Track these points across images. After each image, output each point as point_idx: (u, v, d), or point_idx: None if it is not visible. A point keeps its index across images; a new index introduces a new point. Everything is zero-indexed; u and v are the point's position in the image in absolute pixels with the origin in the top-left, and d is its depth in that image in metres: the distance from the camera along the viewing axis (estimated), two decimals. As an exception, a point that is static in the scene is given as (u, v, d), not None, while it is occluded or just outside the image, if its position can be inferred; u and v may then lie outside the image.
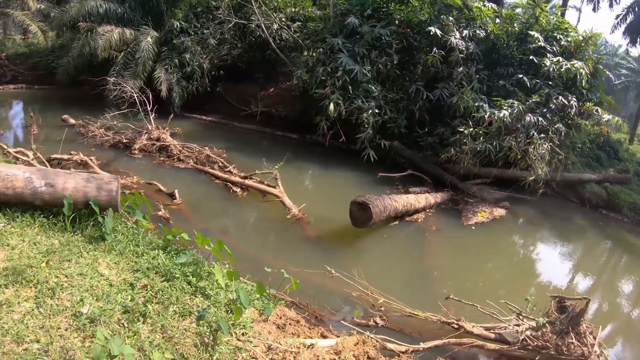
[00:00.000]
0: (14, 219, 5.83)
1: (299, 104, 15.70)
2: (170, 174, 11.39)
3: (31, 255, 5.17)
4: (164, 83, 14.61)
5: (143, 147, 12.13)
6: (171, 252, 6.26)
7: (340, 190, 12.27)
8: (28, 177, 5.81)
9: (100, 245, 5.88)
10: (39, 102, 17.03)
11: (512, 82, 13.42)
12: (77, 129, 13.19)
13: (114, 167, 11.18)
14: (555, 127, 12.63)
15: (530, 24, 13.82)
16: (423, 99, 13.40)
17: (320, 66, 13.31)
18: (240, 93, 17.03)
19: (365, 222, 9.51)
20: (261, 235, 9.60)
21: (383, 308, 6.79)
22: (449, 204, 12.31)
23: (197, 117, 15.93)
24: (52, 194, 5.91)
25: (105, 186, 6.16)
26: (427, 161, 13.51)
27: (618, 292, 10.34)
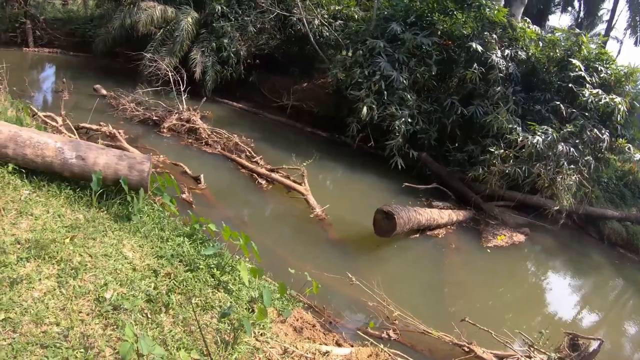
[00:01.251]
0: (39, 187, 5.53)
1: (331, 102, 15.27)
2: (197, 157, 11.05)
3: (55, 228, 4.87)
4: (199, 65, 14.24)
5: (172, 127, 11.81)
6: (196, 240, 5.94)
7: (364, 195, 11.90)
8: (59, 148, 5.47)
9: (125, 225, 5.58)
10: (72, 69, 16.75)
11: (548, 109, 12.93)
12: (108, 100, 12.90)
13: (141, 143, 10.86)
14: (585, 159, 12.15)
15: (572, 51, 13.30)
16: (457, 113, 12.94)
17: (357, 68, 12.88)
18: (273, 84, 16.62)
19: (388, 232, 9.25)
20: (282, 231, 9.28)
21: (397, 322, 6.58)
22: (470, 222, 11.90)
23: (227, 102, 15.55)
24: (82, 167, 5.58)
25: (137, 166, 5.82)
26: (453, 177, 13.08)
27: (624, 333, 9.86)
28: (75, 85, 13.32)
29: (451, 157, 13.14)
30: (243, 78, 15.61)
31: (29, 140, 5.39)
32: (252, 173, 10.65)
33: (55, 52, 19.10)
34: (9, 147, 5.32)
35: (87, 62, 17.55)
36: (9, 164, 5.43)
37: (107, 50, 16.19)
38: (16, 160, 5.41)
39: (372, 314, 6.74)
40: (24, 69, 16.17)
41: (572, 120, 12.48)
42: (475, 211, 12.33)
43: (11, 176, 5.40)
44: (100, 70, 16.06)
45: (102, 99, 12.91)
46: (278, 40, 16.16)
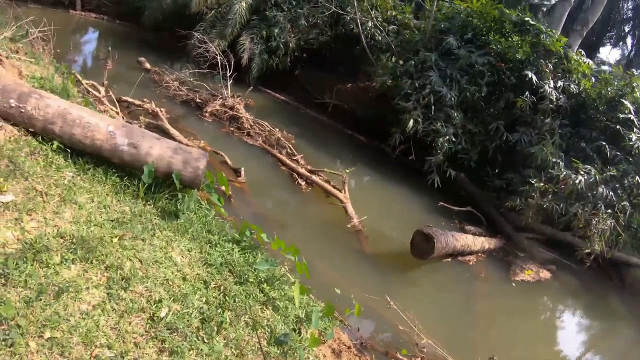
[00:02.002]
0: (84, 170, 4.94)
1: (373, 106, 14.52)
2: (237, 147, 10.43)
3: (100, 221, 4.31)
4: (247, 51, 13.53)
5: (215, 112, 11.18)
6: (245, 248, 5.39)
7: (400, 208, 11.30)
8: (111, 132, 4.84)
9: (173, 223, 5.04)
10: (116, 37, 15.97)
11: (593, 147, 12.16)
12: (152, 75, 12.24)
13: (182, 125, 10.26)
14: (622, 205, 11.42)
15: (624, 92, 12.47)
16: (501, 138, 12.20)
17: (407, 78, 12.15)
18: (317, 80, 15.81)
19: (424, 255, 8.75)
20: (319, 238, 8.68)
21: (426, 350, 6.31)
22: (500, 252, 11.25)
23: (269, 92, 14.82)
24: (133, 156, 4.97)
25: (192, 162, 5.19)
26: (487, 202, 12.39)
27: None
28: (119, 55, 12.67)
29: (489, 182, 12.41)
30: (288, 70, 14.89)
31: (78, 119, 4.77)
32: (292, 172, 10.01)
33: (102, 18, 18.40)
34: (56, 123, 4.71)
35: (132, 32, 16.83)
36: (54, 141, 4.84)
37: (156, 25, 15.45)
38: (62, 138, 4.83)
39: (402, 339, 6.43)
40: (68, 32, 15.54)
41: (616, 164, 11.77)
42: (505, 241, 11.68)
43: (55, 155, 4.83)
44: (144, 43, 15.39)
45: (145, 72, 12.26)
46: (327, 37, 15.39)
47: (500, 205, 12.16)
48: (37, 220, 3.90)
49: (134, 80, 10.13)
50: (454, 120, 11.90)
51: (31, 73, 6.70)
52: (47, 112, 4.65)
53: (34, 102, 4.64)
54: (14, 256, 3.36)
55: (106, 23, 18.07)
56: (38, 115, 4.62)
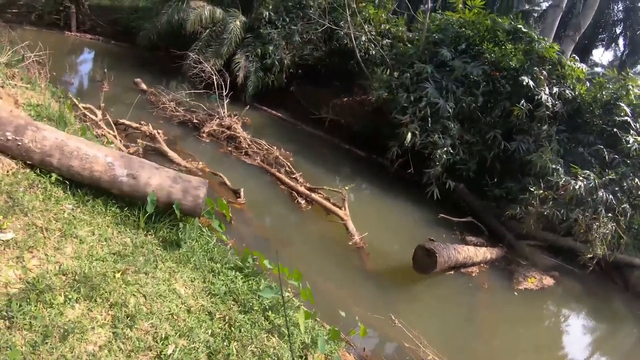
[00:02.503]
0: (83, 202, 4.80)
1: (370, 120, 14.48)
2: (235, 167, 10.35)
3: (102, 255, 4.20)
4: (242, 70, 13.48)
5: (212, 132, 11.12)
6: (248, 275, 5.24)
7: (400, 223, 11.18)
8: (110, 163, 4.74)
9: (175, 253, 4.91)
10: (112, 58, 15.88)
11: (590, 152, 12.08)
12: (148, 96, 12.17)
13: (180, 146, 10.18)
14: (622, 207, 11.31)
15: (619, 95, 12.43)
16: (499, 147, 12.14)
17: (403, 91, 12.11)
18: (312, 95, 15.72)
19: (427, 269, 8.62)
20: (320, 257, 8.56)
21: None
22: (502, 262, 11.13)
23: (266, 110, 14.71)
24: (132, 187, 4.86)
25: (192, 191, 5.08)
26: (487, 211, 12.29)
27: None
28: (115, 76, 12.53)
29: (489, 192, 12.32)
30: (284, 87, 14.85)
31: (76, 151, 4.67)
32: (291, 190, 9.93)
33: (97, 39, 18.29)
34: (54, 156, 4.62)
35: (128, 52, 16.73)
36: (52, 173, 4.73)
37: (151, 44, 15.43)
38: (60, 170, 4.70)
39: (407, 356, 6.41)
40: (64, 53, 15.48)
41: (614, 167, 11.68)
42: (507, 249, 11.58)
43: (54, 187, 4.69)
44: (140, 63, 15.30)
45: (141, 94, 12.20)
46: (322, 53, 15.35)
47: (501, 214, 12.02)
48: (38, 258, 3.79)
49: (131, 101, 10.07)
50: (451, 132, 11.84)
51: (27, 100, 6.60)
52: (44, 145, 4.57)
53: (30, 135, 4.56)
54: (17, 297, 3.25)
55: (101, 44, 17.95)
56: (35, 148, 4.54)
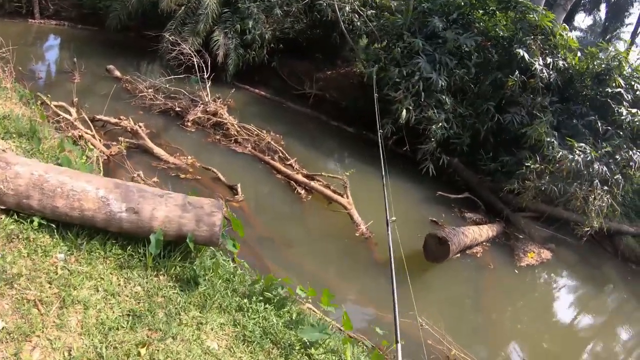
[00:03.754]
0: (76, 246, 3.71)
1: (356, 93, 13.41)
2: (226, 158, 9.22)
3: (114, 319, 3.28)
4: (222, 48, 12.01)
5: (197, 120, 9.82)
6: (277, 304, 4.41)
7: (400, 204, 10.24)
8: (103, 197, 3.66)
9: (194, 294, 3.97)
10: (80, 44, 13.83)
11: (584, 123, 11.48)
12: (123, 84, 10.64)
13: (164, 139, 8.96)
14: (615, 179, 10.82)
15: (612, 67, 11.73)
16: (492, 120, 11.35)
17: (394, 66, 11.07)
18: (294, 70, 14.40)
19: (439, 258, 8.03)
20: (329, 253, 7.78)
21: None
22: (502, 237, 10.61)
23: (247, 88, 13.34)
24: (134, 223, 3.81)
25: (206, 218, 4.06)
26: (482, 186, 11.62)
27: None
28: (85, 64, 10.91)
29: (483, 166, 11.60)
30: (265, 63, 13.51)
31: (59, 187, 3.55)
32: (289, 180, 8.93)
33: (63, 25, 15.90)
34: (32, 197, 3.50)
35: (97, 36, 14.61)
36: (34, 217, 3.62)
37: (122, 26, 13.56)
38: (43, 213, 3.60)
39: (433, 354, 6.03)
40: (28, 44, 13.56)
41: (607, 139, 11.17)
42: (505, 224, 11.01)
43: (38, 234, 3.60)
44: (111, 47, 13.41)
45: (115, 81, 10.70)
46: (303, 25, 13.92)
47: (496, 188, 11.45)
48: (40, 346, 2.82)
49: (105, 92, 8.75)
50: (445, 106, 10.97)
51: (-9, 111, 5.36)
52: (18, 185, 3.44)
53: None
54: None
55: (68, 29, 15.63)
56: (7, 189, 3.41)
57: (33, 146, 4.64)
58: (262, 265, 6.62)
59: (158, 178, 7.32)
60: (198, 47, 11.49)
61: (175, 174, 7.88)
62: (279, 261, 6.99)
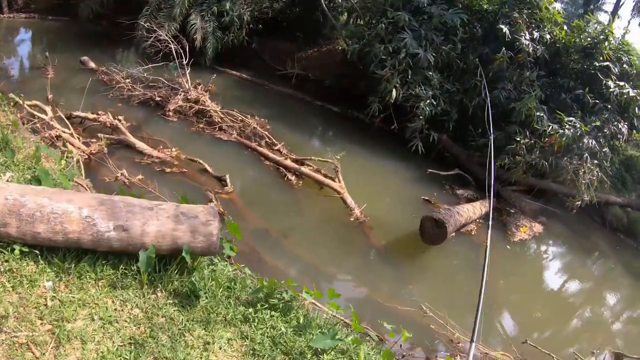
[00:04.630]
0: (64, 271, 3.33)
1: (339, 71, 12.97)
2: (212, 147, 8.79)
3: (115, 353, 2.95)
4: (199, 31, 11.36)
5: (178, 109, 9.31)
6: (284, 310, 4.11)
7: (392, 184, 10.19)
8: (87, 218, 3.26)
9: (196, 309, 3.65)
10: (52, 37, 12.99)
11: (572, 97, 11.31)
12: (99, 76, 9.96)
13: (146, 132, 8.47)
14: (603, 151, 10.76)
15: (599, 40, 11.51)
16: (480, 95, 11.08)
17: (379, 43, 10.65)
18: (276, 50, 13.82)
19: (437, 241, 7.81)
20: (326, 241, 7.50)
21: (461, 344, 5.86)
22: (494, 213, 10.39)
23: (228, 71, 12.76)
24: (124, 241, 3.44)
25: (202, 228, 3.72)
26: (472, 161, 11.42)
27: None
28: (59, 57, 10.12)
29: (472, 142, 11.38)
30: (245, 45, 12.91)
31: (38, 210, 3.11)
32: (278, 166, 8.57)
33: (33, 18, 14.69)
34: (10, 224, 3.06)
35: (69, 27, 13.60)
36: (14, 245, 3.20)
37: (95, 15, 12.64)
38: (24, 240, 3.18)
39: (437, 339, 5.91)
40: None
41: (596, 112, 11.03)
42: (496, 199, 10.86)
43: (22, 263, 3.19)
44: (84, 37, 12.50)
45: (91, 73, 10.01)
46: (282, 3, 13.36)
47: (485, 162, 11.29)
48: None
49: (81, 86, 8.15)
50: (432, 82, 10.67)
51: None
52: (-8, 211, 3.05)
53: (-31, 201, 3.02)
54: None
55: (38, 22, 14.43)
56: (-20, 217, 3.02)
57: (7, 158, 4.20)
58: (259, 260, 6.33)
59: (143, 175, 6.90)
60: (175, 32, 10.84)
61: (160, 169, 7.44)
62: (276, 254, 6.70)
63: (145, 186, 6.55)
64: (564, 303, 9.07)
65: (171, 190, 6.68)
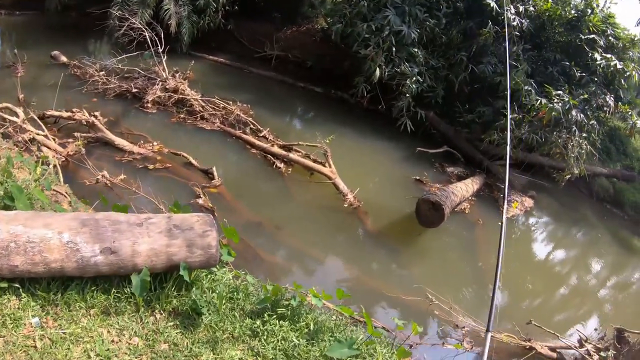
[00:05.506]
0: (51, 302, 2.97)
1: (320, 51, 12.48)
2: (195, 138, 8.31)
3: None
4: (174, 17, 10.66)
5: (157, 100, 8.76)
6: (291, 317, 3.80)
7: (383, 166, 9.92)
8: (69, 243, 2.88)
9: (199, 329, 3.34)
10: (20, 32, 11.81)
11: (558, 70, 11.13)
12: (72, 70, 9.26)
13: (124, 126, 7.94)
14: (591, 124, 10.62)
15: (584, 12, 11.26)
16: (466, 71, 10.79)
17: (361, 21, 10.21)
18: (253, 32, 13.10)
19: (434, 223, 7.59)
20: (320, 230, 7.22)
21: (466, 328, 5.79)
22: (485, 189, 10.32)
23: (205, 56, 12.09)
24: (114, 265, 3.09)
25: (199, 241, 3.38)
26: (460, 137, 11.22)
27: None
28: (28, 54, 9.29)
29: (460, 118, 11.14)
30: (222, 28, 12.25)
31: (13, 241, 2.68)
32: (265, 153, 8.18)
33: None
34: (-19, 260, 2.70)
35: (37, 21, 12.29)
36: (-8, 281, 2.80)
37: (63, 6, 11.61)
38: (0, 274, 2.79)
39: (442, 325, 5.89)
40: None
41: (583, 85, 10.90)
42: (485, 174, 10.70)
43: (2, 300, 2.80)
44: (53, 30, 11.48)
45: (62, 68, 9.30)
46: (258, -18, 12.73)
47: (474, 139, 11.14)
48: None
49: (54, 82, 7.56)
50: (417, 59, 10.31)
51: None
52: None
53: None
54: None
55: (5, 17, 12.87)
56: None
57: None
58: (255, 256, 6.02)
59: (125, 174, 6.43)
60: (148, 19, 10.16)
61: (143, 166, 6.97)
62: (271, 248, 6.42)
63: (129, 187, 6.10)
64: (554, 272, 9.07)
65: (156, 188, 6.29)
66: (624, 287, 9.74)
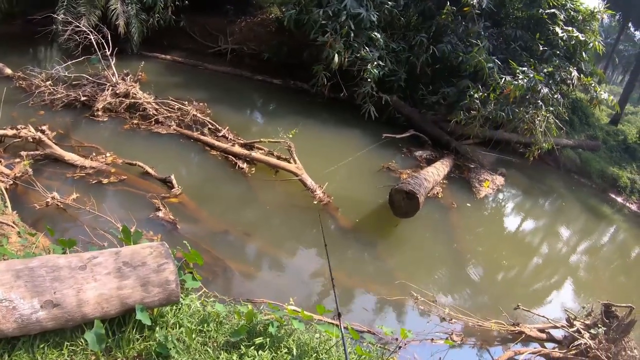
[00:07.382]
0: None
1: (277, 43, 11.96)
2: (151, 145, 7.72)
3: None
4: (121, 17, 9.93)
5: (108, 107, 8.12)
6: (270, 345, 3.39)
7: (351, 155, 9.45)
8: (4, 301, 2.47)
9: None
10: None
11: (520, 45, 11.05)
12: (16, 82, 8.51)
13: (75, 139, 7.29)
14: (555, 98, 10.62)
15: None
16: (427, 52, 10.51)
17: (317, 7, 9.77)
18: (205, 26, 12.50)
19: (409, 213, 7.28)
20: (291, 232, 6.80)
21: (453, 320, 5.62)
22: (456, 171, 10.18)
23: (158, 56, 11.45)
24: (59, 318, 2.67)
25: (154, 278, 2.98)
26: (425, 120, 10.99)
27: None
28: None
29: (425, 100, 10.89)
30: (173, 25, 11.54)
31: None
32: (226, 154, 7.70)
33: None
34: None
35: None
36: None
37: (4, 14, 10.60)
38: None
39: (429, 320, 5.56)
40: None
41: (546, 60, 10.85)
42: (454, 155, 10.57)
43: None
44: None
45: (7, 82, 8.52)
46: (206, -24, 12.04)
47: (439, 120, 10.96)
48: None
49: (-3, 97, 6.93)
50: (377, 42, 9.98)
51: None
52: None
53: None
54: None
55: None
56: None
57: None
58: (225, 269, 5.57)
59: (77, 192, 5.87)
60: (96, 21, 9.40)
61: (97, 180, 6.38)
62: (241, 257, 5.95)
63: (82, 206, 5.55)
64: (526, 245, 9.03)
65: (112, 204, 5.79)
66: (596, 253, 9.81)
